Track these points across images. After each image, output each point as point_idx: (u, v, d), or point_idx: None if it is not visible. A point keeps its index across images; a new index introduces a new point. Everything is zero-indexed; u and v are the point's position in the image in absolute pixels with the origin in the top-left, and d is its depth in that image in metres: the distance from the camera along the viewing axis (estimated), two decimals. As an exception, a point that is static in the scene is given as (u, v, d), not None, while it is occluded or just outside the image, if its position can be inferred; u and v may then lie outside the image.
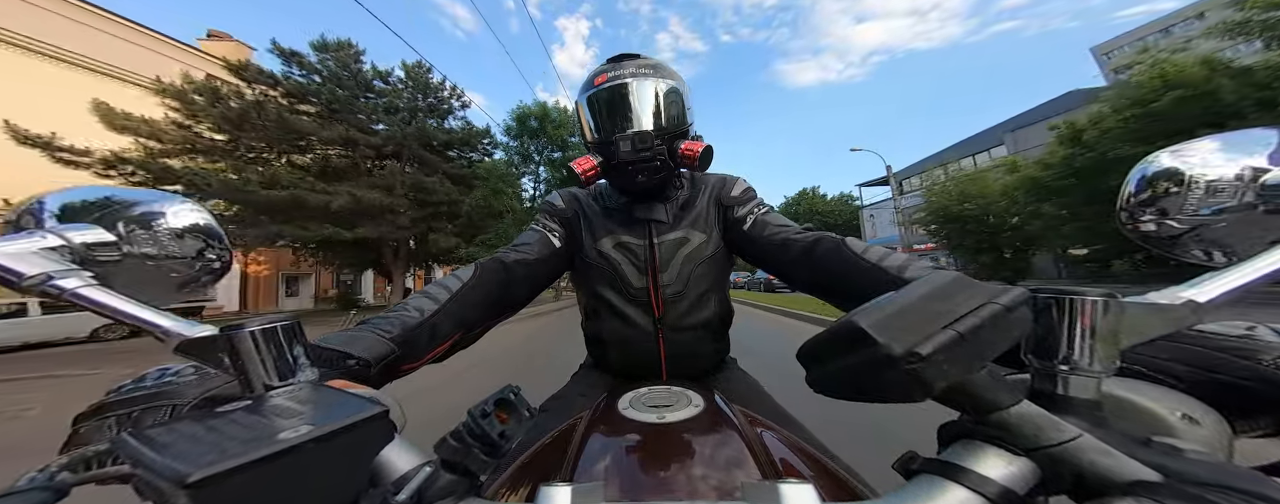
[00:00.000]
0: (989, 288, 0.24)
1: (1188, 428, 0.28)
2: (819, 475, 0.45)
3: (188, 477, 0.17)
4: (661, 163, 0.75)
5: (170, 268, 0.39)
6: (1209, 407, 0.29)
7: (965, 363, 0.21)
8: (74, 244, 0.34)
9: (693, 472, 0.39)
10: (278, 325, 0.32)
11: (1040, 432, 0.24)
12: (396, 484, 0.25)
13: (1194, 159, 0.34)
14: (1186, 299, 0.27)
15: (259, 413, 0.24)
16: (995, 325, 0.22)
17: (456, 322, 0.61)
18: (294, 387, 0.30)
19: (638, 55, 0.82)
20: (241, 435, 0.21)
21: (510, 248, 0.81)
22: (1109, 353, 0.26)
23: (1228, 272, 0.28)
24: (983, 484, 0.24)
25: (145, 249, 0.38)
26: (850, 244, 0.62)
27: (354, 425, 0.23)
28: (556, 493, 0.25)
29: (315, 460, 0.21)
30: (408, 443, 0.29)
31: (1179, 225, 0.35)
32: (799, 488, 0.24)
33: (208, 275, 0.42)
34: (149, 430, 0.22)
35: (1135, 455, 0.23)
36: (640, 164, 0.75)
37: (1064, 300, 0.26)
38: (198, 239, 0.41)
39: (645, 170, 0.76)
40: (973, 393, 0.24)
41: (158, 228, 0.39)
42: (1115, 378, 0.28)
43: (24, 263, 0.30)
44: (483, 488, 0.28)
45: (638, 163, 0.74)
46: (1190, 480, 0.21)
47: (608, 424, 0.52)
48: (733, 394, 0.78)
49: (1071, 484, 0.24)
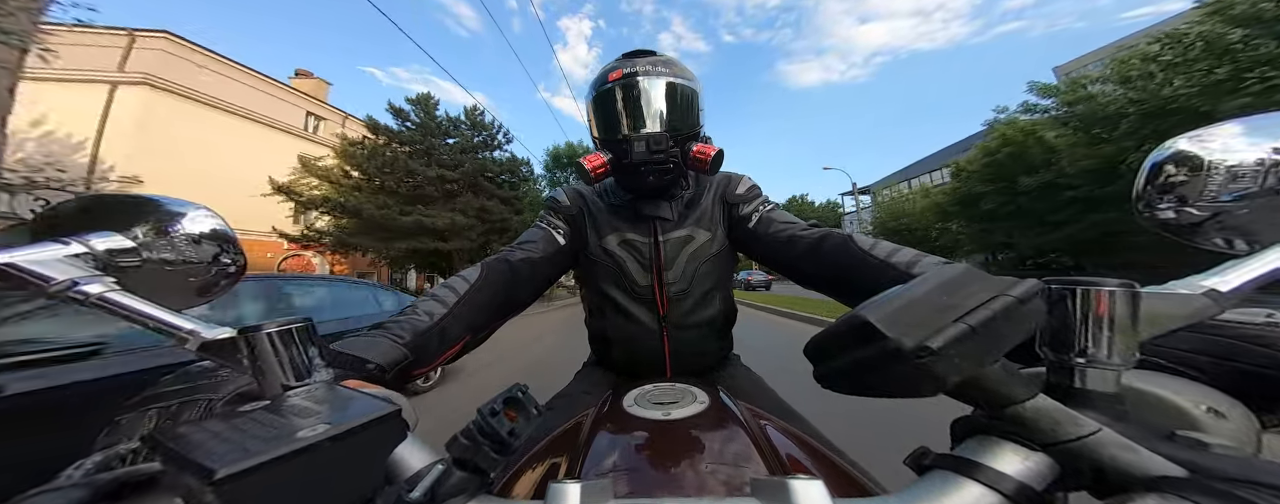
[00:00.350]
0: (1000, 280, 0.23)
1: (1213, 422, 0.27)
2: (827, 471, 0.44)
3: (215, 473, 0.18)
4: (674, 165, 0.75)
5: (188, 272, 0.41)
6: (1235, 400, 0.28)
7: (977, 357, 0.21)
8: (97, 251, 0.35)
9: (700, 468, 0.39)
10: (293, 327, 0.33)
11: (1057, 426, 0.24)
12: (410, 482, 0.26)
13: (1214, 144, 0.33)
14: (1208, 288, 0.26)
15: (278, 412, 0.25)
16: (1007, 318, 0.21)
17: (465, 325, 0.61)
18: (310, 386, 0.31)
19: (652, 52, 0.81)
20: (263, 434, 0.22)
21: (515, 246, 0.80)
22: (1128, 345, 0.25)
23: (1250, 260, 0.27)
24: (999, 480, 0.23)
25: (164, 255, 0.39)
26: (857, 240, 0.62)
27: (368, 424, 0.24)
28: (566, 490, 0.25)
29: (333, 458, 0.22)
30: (420, 441, 0.29)
31: (1198, 212, 0.33)
32: (809, 484, 0.24)
33: (224, 279, 0.43)
34: (177, 428, 0.22)
35: (1159, 450, 0.22)
36: (652, 166, 0.74)
37: (1078, 291, 0.25)
38: (213, 244, 0.42)
39: (656, 172, 0.75)
40: (986, 387, 0.24)
41: (174, 234, 0.40)
42: (1135, 370, 0.27)
43: (50, 269, 0.32)
44: (493, 485, 0.29)
45: (650, 164, 0.74)
46: (1217, 476, 0.20)
47: (614, 421, 0.52)
48: (737, 390, 0.78)
49: (1091, 480, 0.23)
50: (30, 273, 0.31)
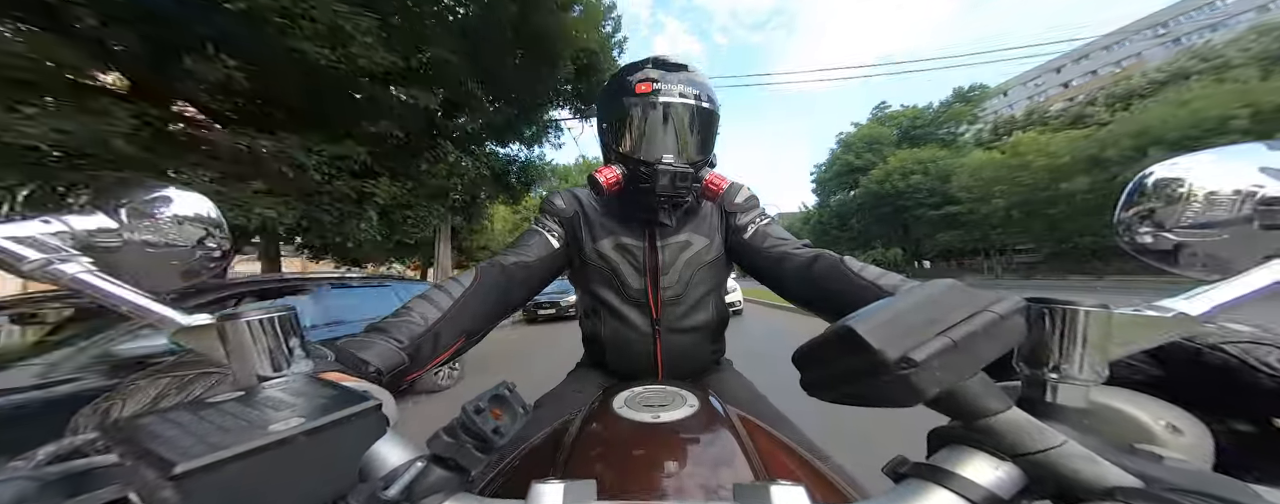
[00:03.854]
0: (984, 296, 0.24)
1: (1171, 436, 0.29)
2: (811, 478, 0.45)
3: (174, 467, 0.17)
4: (691, 194, 0.74)
5: (171, 255, 0.39)
6: (1193, 417, 0.29)
7: (958, 369, 0.22)
8: (76, 230, 0.34)
9: (685, 471, 0.39)
10: (274, 316, 0.32)
11: (1027, 438, 0.24)
12: (387, 479, 0.25)
13: (1192, 172, 0.34)
14: (1178, 311, 0.28)
15: (250, 404, 0.24)
16: (989, 333, 0.22)
17: (460, 328, 0.61)
18: (287, 378, 0.30)
19: (685, 66, 0.75)
20: (231, 426, 0.21)
21: (509, 250, 0.79)
22: (1098, 362, 0.26)
23: (1221, 285, 0.29)
24: (968, 489, 0.24)
25: (146, 236, 0.38)
26: (848, 262, 0.63)
27: (346, 419, 0.23)
28: (549, 489, 0.25)
29: (305, 453, 0.21)
30: (400, 437, 0.29)
31: (1175, 237, 0.35)
32: (790, 490, 0.24)
33: (210, 263, 0.42)
34: (139, 419, 0.21)
35: (1117, 462, 0.23)
36: (672, 198, 0.73)
37: (1057, 310, 0.26)
38: (199, 227, 0.41)
39: (671, 202, 0.75)
40: (963, 399, 0.24)
41: (159, 215, 0.39)
42: (1104, 387, 0.28)
43: (26, 247, 0.31)
44: (474, 484, 0.29)
45: (669, 197, 0.72)
46: (1168, 486, 0.21)
47: (602, 422, 0.52)
48: (727, 395, 0.79)
49: (1054, 490, 0.24)
50: (4, 251, 0.30)
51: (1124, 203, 0.37)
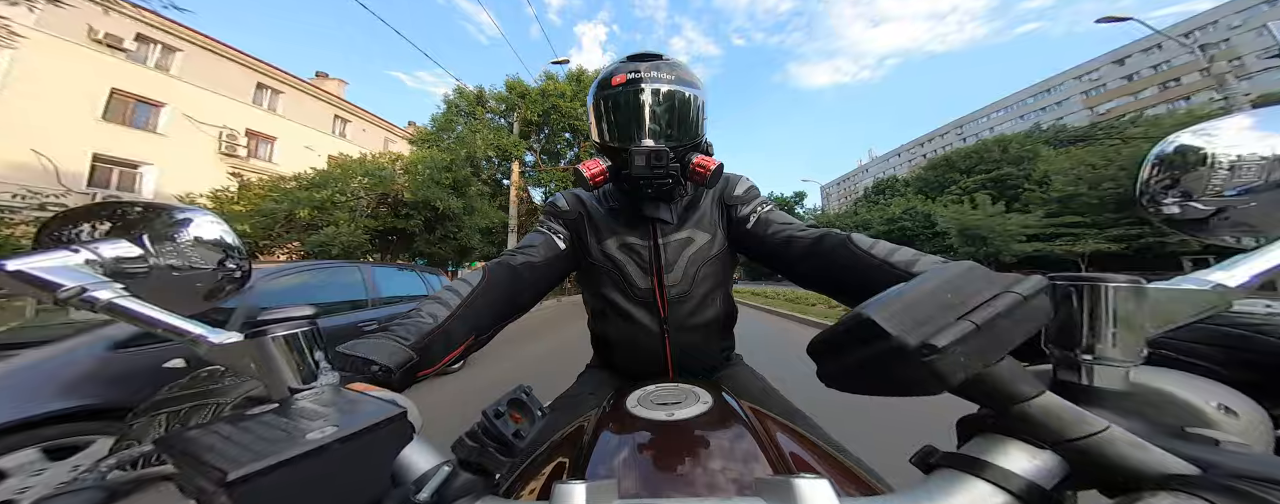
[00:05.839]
0: (1004, 277, 0.23)
1: (1225, 419, 0.27)
2: (833, 470, 0.44)
3: (227, 475, 0.19)
4: (673, 178, 0.75)
5: (195, 278, 0.41)
6: (1247, 396, 0.27)
7: (983, 354, 0.21)
8: (105, 258, 0.36)
9: (705, 467, 0.39)
10: (299, 332, 0.33)
11: (1065, 424, 0.23)
12: (417, 483, 0.26)
13: (1218, 137, 0.32)
14: (1215, 283, 0.26)
15: (287, 415, 0.25)
16: (1013, 315, 0.21)
17: (469, 327, 0.61)
18: (317, 389, 0.31)
19: (659, 56, 0.78)
20: (272, 436, 0.22)
21: (516, 251, 0.80)
22: (1135, 341, 0.25)
23: (1257, 253, 0.27)
24: (1006, 479, 0.23)
25: (170, 261, 0.39)
26: (856, 240, 0.61)
27: (375, 426, 0.24)
28: (571, 490, 0.25)
29: (341, 460, 0.22)
30: (426, 443, 0.29)
31: (1204, 207, 0.33)
32: (815, 483, 0.24)
33: (230, 284, 0.44)
34: (189, 432, 0.23)
35: (1169, 448, 0.22)
36: (651, 181, 0.74)
37: (1085, 287, 0.25)
38: (218, 250, 0.42)
39: (654, 186, 0.75)
40: (992, 385, 0.23)
41: (180, 240, 0.40)
42: (1145, 367, 0.27)
43: (61, 276, 0.32)
44: (499, 486, 0.29)
45: (649, 179, 0.73)
46: (1231, 473, 0.20)
47: (618, 422, 0.52)
48: (740, 390, 0.78)
49: (1100, 478, 0.23)
50: (39, 280, 0.32)
51: (1147, 173, 0.36)
